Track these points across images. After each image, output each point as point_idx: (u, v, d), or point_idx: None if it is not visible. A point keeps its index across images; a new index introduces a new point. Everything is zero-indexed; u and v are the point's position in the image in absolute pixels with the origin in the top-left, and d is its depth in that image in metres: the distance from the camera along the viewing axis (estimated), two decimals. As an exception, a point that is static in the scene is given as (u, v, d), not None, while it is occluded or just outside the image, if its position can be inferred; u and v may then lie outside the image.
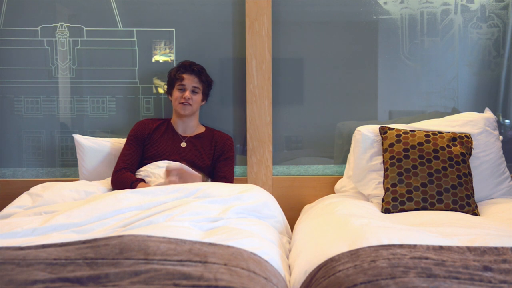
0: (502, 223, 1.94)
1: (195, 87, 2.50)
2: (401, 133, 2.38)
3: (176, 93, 2.50)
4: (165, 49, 2.75)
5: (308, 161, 2.81)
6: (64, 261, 1.37)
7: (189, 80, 2.49)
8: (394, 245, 1.53)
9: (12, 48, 2.69)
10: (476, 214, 2.20)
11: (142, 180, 2.36)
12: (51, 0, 2.70)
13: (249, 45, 2.64)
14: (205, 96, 2.58)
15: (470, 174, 2.29)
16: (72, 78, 2.73)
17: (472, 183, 2.29)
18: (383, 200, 2.27)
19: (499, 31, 2.78)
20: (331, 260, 1.52)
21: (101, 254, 1.41)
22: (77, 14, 2.71)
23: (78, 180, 2.60)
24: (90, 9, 2.71)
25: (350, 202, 2.30)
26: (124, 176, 2.37)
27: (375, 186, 2.37)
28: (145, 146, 2.51)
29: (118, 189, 2.34)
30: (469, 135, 2.41)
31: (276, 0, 2.69)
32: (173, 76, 2.51)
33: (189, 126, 2.57)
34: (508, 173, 2.48)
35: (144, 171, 2.42)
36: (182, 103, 2.48)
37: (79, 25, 2.71)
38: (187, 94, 2.47)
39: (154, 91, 2.76)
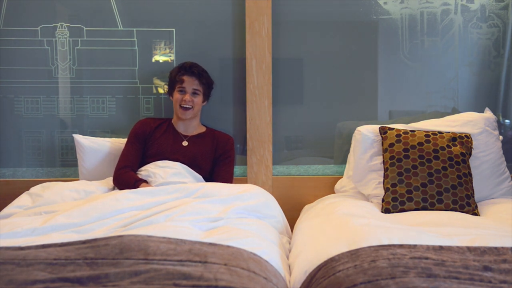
0: (502, 223, 1.94)
1: (195, 89, 2.49)
2: (401, 133, 2.38)
3: (176, 95, 2.50)
4: (165, 49, 2.75)
5: (308, 161, 2.81)
6: (64, 261, 1.37)
7: (190, 83, 2.48)
8: (394, 245, 1.53)
9: (12, 48, 2.69)
10: (476, 214, 2.20)
11: (145, 181, 2.36)
12: (51, 0, 2.70)
13: (249, 45, 2.64)
14: (206, 97, 2.58)
15: (470, 174, 2.29)
16: (72, 78, 2.73)
17: (472, 183, 2.29)
18: (383, 200, 2.27)
19: (499, 31, 2.78)
20: (331, 260, 1.52)
21: (101, 254, 1.41)
22: (77, 14, 2.71)
23: (78, 180, 2.60)
24: (90, 9, 2.71)
25: (350, 202, 2.30)
26: (127, 175, 2.37)
27: (375, 186, 2.37)
28: (146, 145, 2.51)
29: (121, 187, 2.35)
30: (469, 135, 2.41)
31: (276, 0, 2.69)
32: (174, 78, 2.51)
33: (191, 126, 2.57)
34: (508, 173, 2.48)
35: (145, 171, 2.42)
36: (182, 106, 2.47)
37: (79, 25, 2.71)
38: (187, 97, 2.47)
39: (154, 91, 2.76)
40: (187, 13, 2.73)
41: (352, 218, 1.94)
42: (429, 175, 2.24)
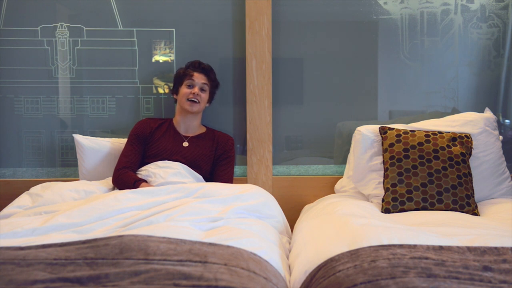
0: (502, 223, 1.94)
1: (204, 83, 2.52)
2: (401, 133, 2.38)
3: (184, 90, 2.51)
4: (165, 49, 2.75)
5: (308, 161, 2.81)
6: (64, 261, 1.37)
7: (198, 78, 2.51)
8: (394, 245, 1.53)
9: (12, 48, 2.69)
10: (476, 214, 2.20)
11: (145, 181, 2.36)
12: (51, 0, 2.70)
13: (249, 45, 2.64)
14: (211, 96, 2.59)
15: (470, 174, 2.29)
16: (72, 78, 2.73)
17: (472, 183, 2.29)
18: (383, 200, 2.27)
19: (499, 31, 2.78)
20: (331, 260, 1.52)
21: (101, 254, 1.41)
22: (77, 14, 2.71)
23: (78, 180, 2.60)
24: (90, 9, 2.71)
25: (350, 202, 2.30)
26: (127, 175, 2.37)
27: (375, 186, 2.37)
28: (146, 145, 2.51)
29: (120, 187, 2.35)
30: (469, 135, 2.41)
31: (276, 0, 2.69)
32: (182, 73, 2.53)
33: (192, 126, 2.57)
34: (508, 173, 2.48)
35: (145, 171, 2.42)
36: (190, 99, 2.49)
37: (79, 25, 2.71)
38: (196, 90, 2.49)
39: (154, 91, 2.76)
40: (187, 13, 2.73)
41: (352, 218, 1.94)
42: (429, 175, 2.24)
